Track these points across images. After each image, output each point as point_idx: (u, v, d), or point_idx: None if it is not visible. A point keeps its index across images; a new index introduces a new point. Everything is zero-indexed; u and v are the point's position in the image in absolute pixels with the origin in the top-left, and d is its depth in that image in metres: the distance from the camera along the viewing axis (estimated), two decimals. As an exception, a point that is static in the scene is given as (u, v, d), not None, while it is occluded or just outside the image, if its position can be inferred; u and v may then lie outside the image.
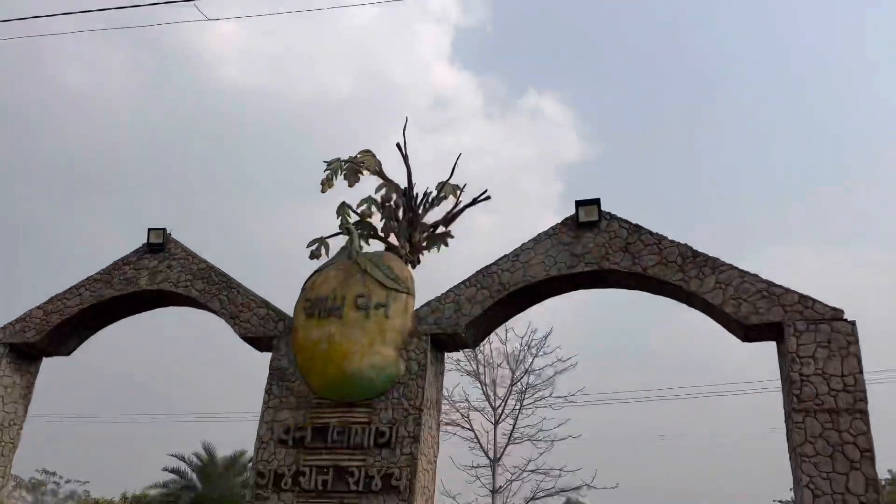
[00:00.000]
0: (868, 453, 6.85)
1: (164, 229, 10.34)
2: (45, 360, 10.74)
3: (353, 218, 9.77)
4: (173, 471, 23.80)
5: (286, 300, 9.56)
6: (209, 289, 9.86)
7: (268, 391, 8.96)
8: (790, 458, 7.36)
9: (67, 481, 33.80)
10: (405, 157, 9.91)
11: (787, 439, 7.43)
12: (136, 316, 10.82)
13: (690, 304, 8.37)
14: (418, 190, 9.93)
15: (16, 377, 10.32)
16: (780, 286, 7.73)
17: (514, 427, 20.67)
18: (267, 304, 9.54)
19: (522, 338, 21.05)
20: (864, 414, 7.00)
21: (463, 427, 20.71)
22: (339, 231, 9.69)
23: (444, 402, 18.33)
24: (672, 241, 8.26)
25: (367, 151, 9.89)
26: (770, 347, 8.05)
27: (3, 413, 10.08)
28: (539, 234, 8.77)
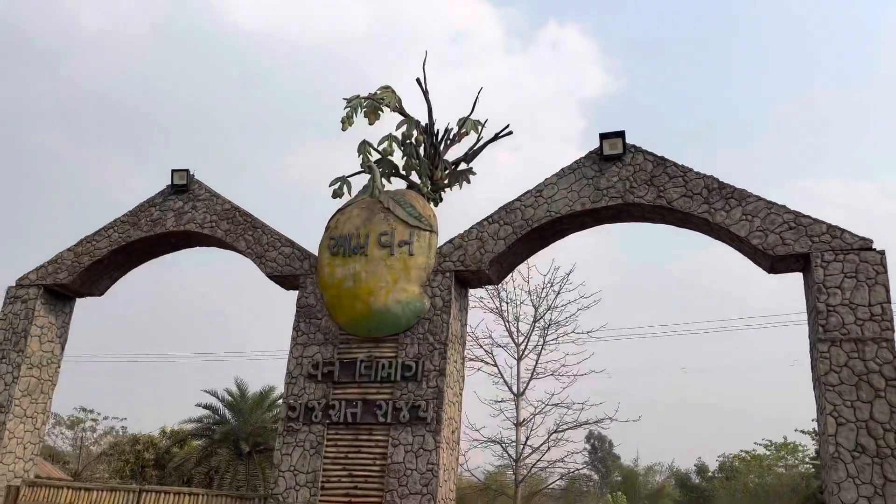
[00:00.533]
0: (894, 381, 6.86)
1: (187, 170, 10.40)
2: (78, 301, 11.01)
3: (375, 156, 9.74)
4: (207, 407, 24.56)
5: (309, 239, 9.66)
6: (234, 229, 9.96)
7: (296, 328, 9.13)
8: (814, 387, 7.41)
9: (105, 418, 35.01)
10: (425, 93, 9.79)
11: (812, 369, 7.46)
12: (166, 256, 11.00)
13: (716, 237, 8.30)
14: (439, 126, 9.86)
15: (51, 317, 10.60)
16: (808, 216, 7.63)
17: (537, 362, 20.84)
18: (292, 244, 9.63)
19: (545, 275, 21.05)
20: (891, 343, 6.98)
21: (487, 363, 20.99)
22: (360, 170, 9.67)
23: (468, 338, 18.58)
24: (698, 174, 8.14)
25: (387, 88, 9.77)
26: (797, 280, 8.00)
27: (41, 352, 10.41)
28: (562, 169, 8.69)
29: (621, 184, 8.36)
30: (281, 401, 24.37)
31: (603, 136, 8.48)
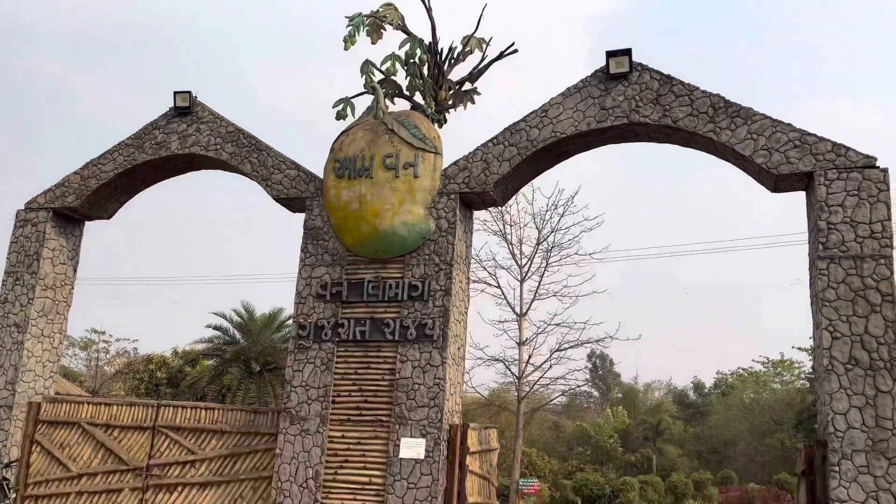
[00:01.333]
0: (889, 297, 7.02)
1: (189, 92, 10.31)
2: (87, 224, 11.14)
3: (378, 76, 9.62)
4: (217, 328, 25.16)
5: (314, 162, 9.69)
6: (239, 152, 9.96)
7: (303, 249, 9.28)
8: (811, 303, 7.58)
9: (118, 339, 35.84)
10: (429, 10, 9.59)
11: (810, 286, 7.62)
12: (172, 180, 11.06)
13: (721, 156, 8.31)
14: (443, 46, 9.70)
15: (61, 240, 10.76)
16: (814, 135, 7.62)
17: (539, 284, 21.21)
18: (297, 166, 9.66)
19: (549, 197, 21.13)
20: (889, 259, 7.11)
21: (490, 284, 21.35)
22: (363, 90, 9.57)
23: (472, 260, 18.81)
24: (704, 92, 8.08)
25: (390, 5, 9.56)
26: (800, 199, 8.06)
27: (55, 274, 10.61)
28: (568, 88, 8.61)
29: (627, 103, 8.30)
30: (290, 321, 25.00)
31: (609, 55, 8.37)
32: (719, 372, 43.00)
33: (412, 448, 8.12)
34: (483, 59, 9.72)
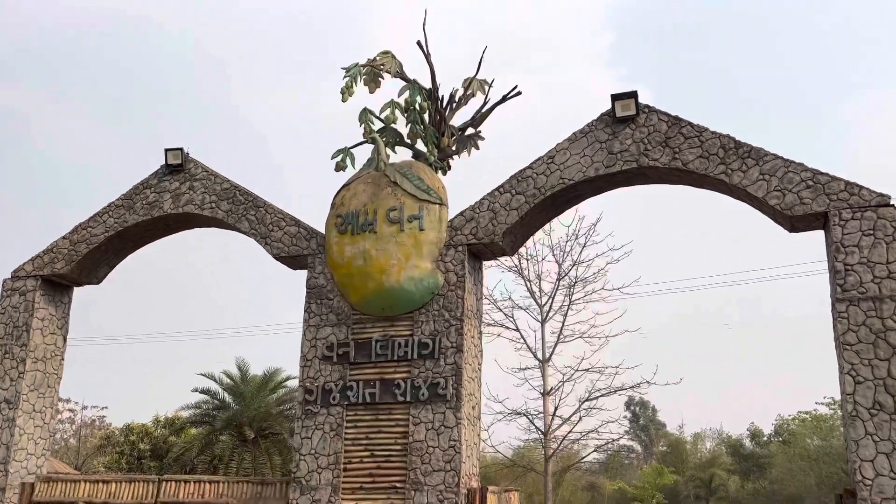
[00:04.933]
0: (909, 339, 8.00)
1: (181, 149, 11.52)
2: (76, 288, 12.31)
3: (377, 125, 10.82)
4: (205, 391, 26.21)
5: (312, 210, 10.81)
6: (235, 209, 11.13)
7: (307, 310, 10.38)
8: (835, 347, 8.57)
9: (84, 408, 36.78)
10: (427, 56, 10.81)
11: (833, 328, 8.62)
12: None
13: (735, 197, 9.39)
14: (443, 91, 10.93)
15: (50, 308, 11.91)
16: (826, 174, 8.69)
17: (563, 324, 21.85)
18: (297, 222, 10.81)
19: (569, 226, 21.82)
20: (907, 300, 8.10)
21: (507, 328, 22.09)
22: (363, 140, 10.77)
23: (486, 301, 19.74)
24: (713, 133, 9.18)
25: (387, 53, 10.79)
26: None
27: (45, 345, 11.75)
28: (574, 133, 9.75)
29: (635, 146, 9.42)
30: (287, 382, 26.01)
31: (615, 98, 9.51)
32: (779, 416, 43.40)
33: (429, 514, 9.10)
34: (486, 103, 10.93)
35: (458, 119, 11.02)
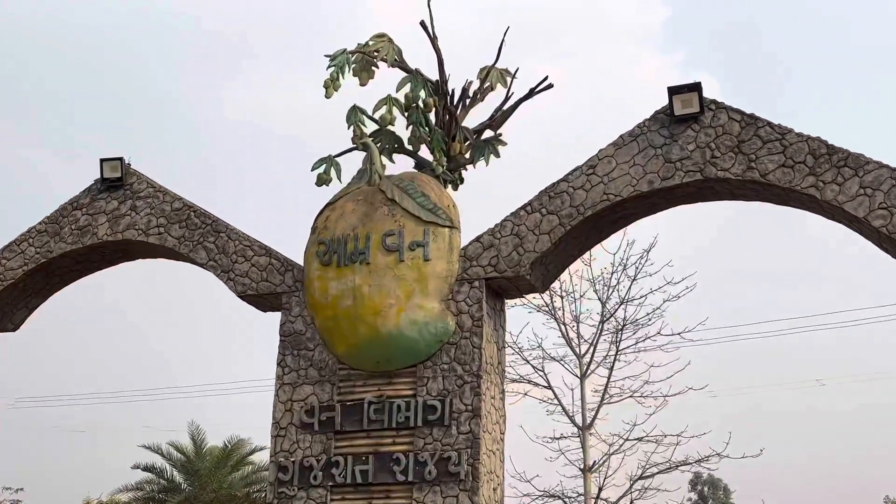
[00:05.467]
0: None
1: (121, 159, 11.61)
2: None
3: (371, 127, 10.87)
4: (148, 468, 26.14)
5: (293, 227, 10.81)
6: (190, 235, 11.18)
7: (280, 363, 10.38)
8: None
9: (-3, 490, 36.65)
10: (433, 40, 10.88)
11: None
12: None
13: (829, 217, 9.39)
14: (454, 84, 10.95)
15: (-46, 364, 11.96)
16: (946, 188, 8.67)
17: (608, 380, 21.60)
18: (269, 251, 10.86)
19: (615, 254, 21.65)
20: None
21: (537, 385, 21.90)
22: (352, 146, 10.82)
23: (510, 350, 19.58)
24: (800, 135, 9.18)
25: (382, 36, 10.86)
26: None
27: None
28: (621, 136, 9.79)
29: (700, 153, 9.43)
30: (252, 455, 25.86)
31: (672, 91, 9.53)
32: (888, 499, 42.93)
33: None
34: (508, 98, 10.97)
35: (473, 119, 11.06)
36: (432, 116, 10.88)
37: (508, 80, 11.01)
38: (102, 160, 11.67)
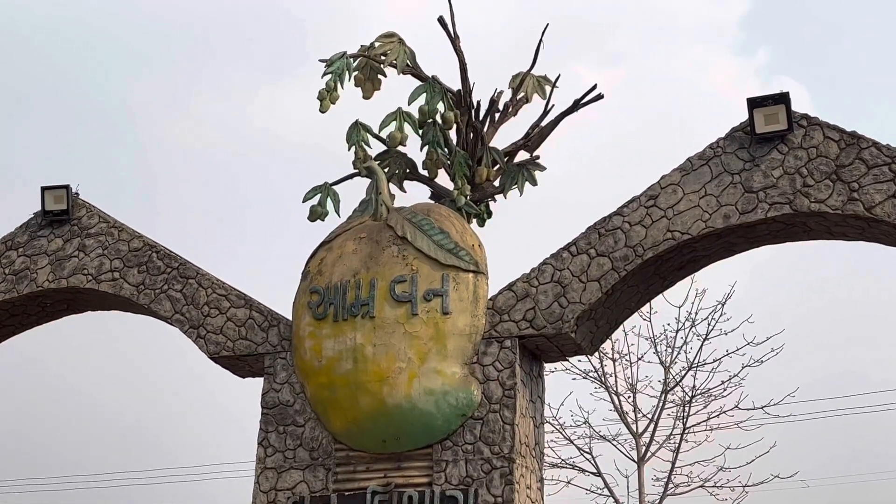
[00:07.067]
0: None
1: (67, 187, 11.61)
2: None
3: (377, 148, 10.87)
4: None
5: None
6: (151, 281, 11.15)
7: (262, 443, 10.29)
8: None
9: None
10: (454, 40, 10.88)
11: None
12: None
13: (951, 260, 9.28)
14: (480, 97, 10.96)
15: None
16: None
17: (672, 465, 21.56)
18: (248, 302, 10.81)
19: (680, 307, 21.61)
20: None
21: (584, 471, 21.79)
22: (353, 173, 10.80)
23: (550, 428, 19.44)
24: (915, 158, 9.12)
25: (391, 36, 10.84)
26: None
27: None
28: (689, 160, 9.73)
29: (788, 180, 9.35)
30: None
31: (753, 104, 9.46)
32: None
33: None
34: (547, 111, 10.95)
35: (504, 138, 11.07)
36: (453, 135, 10.87)
37: (547, 89, 11.00)
38: (44, 188, 11.67)
